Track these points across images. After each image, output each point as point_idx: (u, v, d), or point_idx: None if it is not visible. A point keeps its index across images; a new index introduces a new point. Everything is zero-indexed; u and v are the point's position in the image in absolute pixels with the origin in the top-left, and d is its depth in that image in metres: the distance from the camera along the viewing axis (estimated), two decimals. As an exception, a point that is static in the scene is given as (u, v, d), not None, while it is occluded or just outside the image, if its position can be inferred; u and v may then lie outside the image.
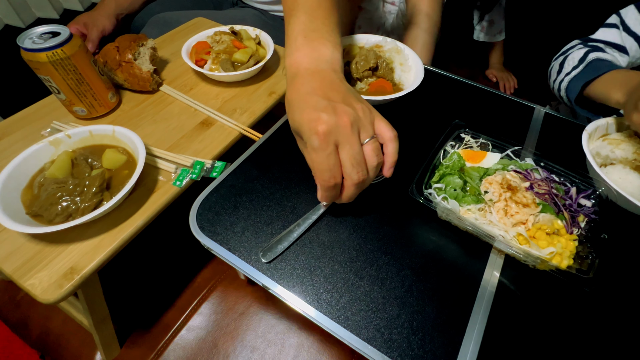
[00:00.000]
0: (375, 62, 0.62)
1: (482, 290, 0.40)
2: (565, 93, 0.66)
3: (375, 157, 0.38)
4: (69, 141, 0.51)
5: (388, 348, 0.35)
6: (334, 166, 0.36)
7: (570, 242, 0.40)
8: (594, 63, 0.62)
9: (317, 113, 0.36)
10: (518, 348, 0.37)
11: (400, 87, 0.63)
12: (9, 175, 0.45)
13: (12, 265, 0.42)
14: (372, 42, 0.69)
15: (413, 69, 0.65)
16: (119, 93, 0.65)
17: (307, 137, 0.36)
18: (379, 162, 0.39)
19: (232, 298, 0.61)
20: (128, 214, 0.48)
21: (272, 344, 0.56)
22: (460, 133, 0.51)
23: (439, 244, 0.44)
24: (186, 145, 0.58)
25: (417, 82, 0.60)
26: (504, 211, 0.42)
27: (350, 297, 0.39)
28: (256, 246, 0.43)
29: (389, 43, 0.67)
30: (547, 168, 0.47)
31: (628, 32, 0.65)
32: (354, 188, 0.38)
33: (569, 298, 0.40)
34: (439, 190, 0.45)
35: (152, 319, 0.59)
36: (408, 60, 0.66)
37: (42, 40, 0.51)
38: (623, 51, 0.66)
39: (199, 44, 0.71)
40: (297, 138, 0.42)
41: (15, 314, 0.63)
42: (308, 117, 0.36)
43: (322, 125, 0.35)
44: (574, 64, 0.66)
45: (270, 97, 0.67)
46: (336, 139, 0.36)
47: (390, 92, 0.60)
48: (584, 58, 0.64)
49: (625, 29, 0.66)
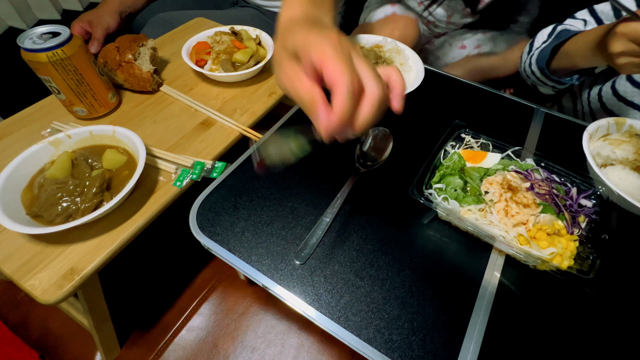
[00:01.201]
0: (376, 62, 0.62)
1: (482, 290, 0.40)
2: (536, 64, 0.68)
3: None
4: (69, 141, 0.51)
5: (388, 349, 0.35)
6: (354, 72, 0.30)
7: (571, 242, 0.40)
8: (561, 33, 0.65)
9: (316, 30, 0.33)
10: (518, 349, 0.37)
11: None
12: (9, 175, 0.45)
13: (12, 266, 0.42)
14: (372, 42, 0.69)
15: (413, 69, 0.65)
16: (119, 93, 0.65)
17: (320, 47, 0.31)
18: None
19: (232, 298, 0.61)
20: (128, 214, 0.48)
21: (272, 345, 0.56)
22: (460, 133, 0.51)
23: (439, 244, 0.44)
24: (186, 145, 0.58)
25: (417, 82, 0.60)
26: (505, 211, 0.42)
27: (351, 297, 0.39)
28: (256, 246, 0.43)
29: (389, 43, 0.67)
30: (548, 168, 0.47)
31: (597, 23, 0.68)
32: (374, 104, 0.31)
33: (570, 299, 0.40)
34: (439, 191, 0.45)
35: (152, 320, 0.59)
36: (408, 60, 0.66)
37: (42, 40, 0.51)
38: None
39: (199, 44, 0.71)
40: (291, 62, 0.34)
41: (15, 315, 0.63)
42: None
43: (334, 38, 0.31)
44: (543, 39, 0.69)
45: (270, 97, 0.67)
46: (348, 51, 0.31)
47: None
48: (553, 31, 0.67)
49: (596, 21, 0.68)
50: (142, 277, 0.64)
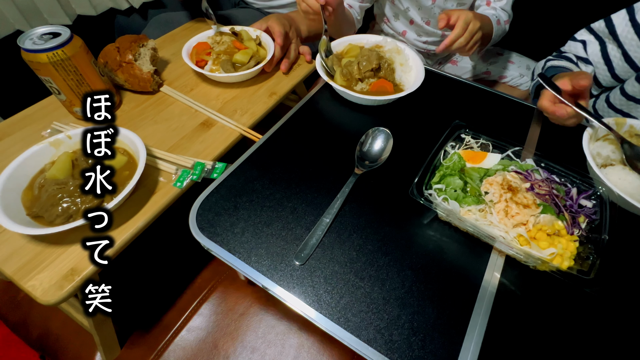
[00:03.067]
0: (378, 62, 0.62)
1: (482, 291, 0.40)
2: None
3: None
4: (70, 142, 0.51)
5: (388, 349, 0.35)
6: None
7: (571, 243, 0.40)
8: (548, 70, 0.68)
9: None
10: (519, 349, 0.37)
11: (400, 87, 0.63)
12: (9, 176, 0.45)
13: (13, 266, 0.42)
14: (372, 42, 0.69)
15: (413, 69, 0.65)
16: (119, 94, 0.65)
17: None
18: None
19: (232, 299, 0.61)
20: (129, 215, 0.48)
21: (272, 345, 0.56)
22: (460, 133, 0.51)
23: (439, 244, 0.44)
24: (187, 146, 0.58)
25: (417, 83, 0.60)
26: (505, 212, 0.42)
27: (351, 298, 0.39)
28: (256, 247, 0.43)
29: (389, 43, 0.67)
30: (548, 169, 0.47)
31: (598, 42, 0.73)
32: None
33: (570, 299, 0.40)
34: (439, 191, 0.45)
35: (152, 320, 0.59)
36: (408, 60, 0.66)
37: (43, 41, 0.51)
38: (587, 62, 0.73)
39: (199, 44, 0.71)
40: None
41: (16, 315, 0.63)
42: None
43: None
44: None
45: (270, 98, 0.67)
46: None
47: (391, 93, 0.60)
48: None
49: (595, 37, 0.73)
50: (143, 278, 0.64)
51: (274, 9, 1.06)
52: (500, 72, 1.03)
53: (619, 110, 0.70)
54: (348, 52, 0.67)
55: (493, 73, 1.04)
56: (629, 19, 0.65)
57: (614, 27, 0.68)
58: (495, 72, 1.04)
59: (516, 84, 1.02)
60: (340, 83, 0.62)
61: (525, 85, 1.00)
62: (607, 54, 0.71)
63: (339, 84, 0.61)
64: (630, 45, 0.66)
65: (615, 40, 0.68)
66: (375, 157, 0.52)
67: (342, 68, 0.63)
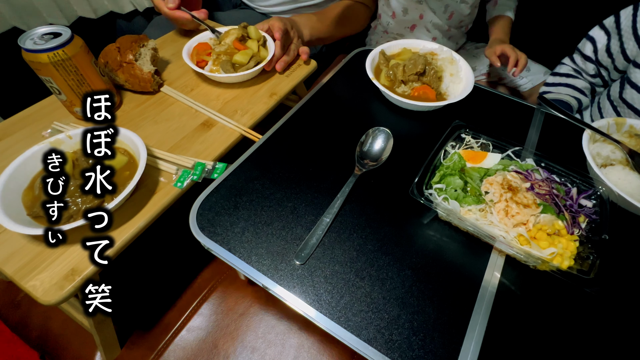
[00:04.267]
0: (423, 67, 0.61)
1: (482, 290, 0.40)
2: None
3: None
4: (70, 142, 0.51)
5: (388, 349, 0.35)
6: None
7: (571, 242, 0.40)
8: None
9: None
10: (519, 349, 0.37)
11: (444, 96, 0.63)
12: (9, 176, 0.45)
13: (13, 266, 0.42)
14: (428, 48, 0.68)
15: (463, 81, 0.64)
16: (119, 94, 0.65)
17: None
18: None
19: (232, 298, 0.61)
20: (129, 215, 0.48)
21: (273, 345, 0.56)
22: (460, 133, 0.51)
23: (439, 244, 0.44)
24: (187, 146, 0.58)
25: (464, 94, 0.59)
26: (505, 212, 0.42)
27: (351, 297, 0.39)
28: (256, 246, 0.43)
29: (445, 52, 0.67)
30: (548, 168, 0.47)
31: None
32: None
33: (570, 299, 0.40)
34: (439, 191, 0.45)
35: (153, 320, 0.59)
36: (460, 72, 0.64)
37: (43, 41, 0.51)
38: (583, 94, 0.81)
39: (200, 45, 0.71)
40: None
41: (16, 315, 0.63)
42: None
43: None
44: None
45: (271, 98, 0.67)
46: None
47: (432, 100, 0.60)
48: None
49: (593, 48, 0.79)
50: (143, 277, 0.64)
51: (275, 13, 1.06)
52: (500, 73, 1.03)
53: (630, 105, 0.70)
54: (399, 54, 0.68)
55: (493, 74, 1.04)
56: (632, 13, 0.67)
57: (620, 21, 0.70)
58: (495, 73, 1.04)
59: (516, 84, 1.02)
60: (383, 83, 0.62)
61: (525, 86, 1.01)
62: (609, 48, 0.73)
63: (382, 83, 0.61)
64: (625, 37, 0.69)
65: (618, 33, 0.70)
66: (375, 156, 0.52)
67: (388, 69, 0.64)
